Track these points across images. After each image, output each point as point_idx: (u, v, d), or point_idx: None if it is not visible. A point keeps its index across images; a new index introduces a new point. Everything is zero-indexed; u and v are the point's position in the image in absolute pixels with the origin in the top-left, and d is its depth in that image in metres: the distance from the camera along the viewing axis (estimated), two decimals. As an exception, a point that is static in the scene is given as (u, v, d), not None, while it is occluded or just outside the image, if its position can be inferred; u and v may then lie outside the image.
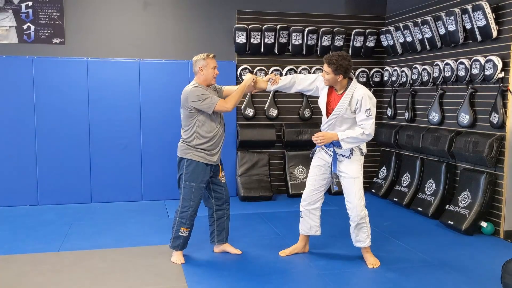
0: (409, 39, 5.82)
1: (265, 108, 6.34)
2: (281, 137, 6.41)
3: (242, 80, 6.06)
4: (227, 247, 4.06)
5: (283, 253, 4.05)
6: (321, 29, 6.23)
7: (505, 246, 4.36)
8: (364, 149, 3.84)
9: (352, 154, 3.74)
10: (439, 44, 5.41)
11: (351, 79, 3.74)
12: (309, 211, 3.97)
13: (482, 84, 4.80)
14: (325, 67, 3.65)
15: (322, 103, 3.85)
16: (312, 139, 3.75)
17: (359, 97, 3.61)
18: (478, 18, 4.63)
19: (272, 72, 6.10)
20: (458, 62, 4.99)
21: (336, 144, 3.71)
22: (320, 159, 3.91)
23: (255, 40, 6.08)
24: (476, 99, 4.92)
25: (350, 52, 6.46)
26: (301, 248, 4.09)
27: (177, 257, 3.86)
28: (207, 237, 4.11)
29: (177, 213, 3.82)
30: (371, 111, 3.61)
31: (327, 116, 3.79)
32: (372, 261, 3.82)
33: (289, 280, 3.54)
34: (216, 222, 3.99)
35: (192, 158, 3.71)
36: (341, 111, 3.67)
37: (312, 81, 3.92)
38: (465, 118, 4.98)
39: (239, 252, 4.05)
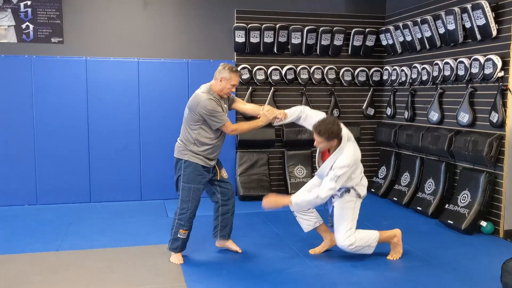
0: (408, 38, 5.82)
1: (264, 108, 6.32)
2: (280, 137, 6.40)
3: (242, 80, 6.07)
4: (229, 244, 4.06)
5: (313, 251, 4.04)
6: (321, 28, 6.22)
7: (505, 245, 4.36)
8: (362, 193, 3.78)
9: (345, 195, 3.70)
10: (438, 43, 5.40)
11: (341, 139, 3.63)
12: (302, 213, 3.97)
13: (481, 83, 4.80)
14: (316, 137, 3.59)
15: (318, 158, 3.86)
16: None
17: (337, 165, 3.55)
18: (477, 17, 4.62)
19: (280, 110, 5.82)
20: (457, 61, 4.98)
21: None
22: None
23: (254, 39, 6.07)
24: (476, 98, 4.91)
25: (349, 51, 6.46)
26: (328, 242, 4.03)
27: (176, 257, 3.85)
28: (206, 237, 4.10)
29: (175, 215, 3.81)
30: (339, 178, 3.52)
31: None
32: (393, 252, 3.87)
33: (289, 279, 3.53)
34: (221, 217, 3.98)
35: (189, 159, 3.69)
36: (324, 173, 3.65)
37: None
38: (464, 117, 4.98)
39: (239, 250, 4.05)
